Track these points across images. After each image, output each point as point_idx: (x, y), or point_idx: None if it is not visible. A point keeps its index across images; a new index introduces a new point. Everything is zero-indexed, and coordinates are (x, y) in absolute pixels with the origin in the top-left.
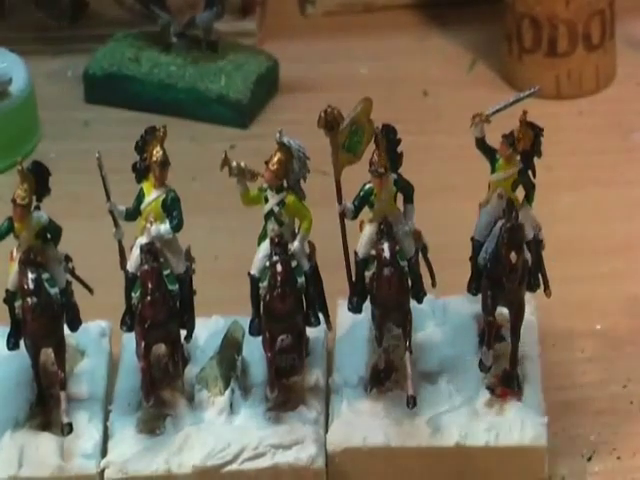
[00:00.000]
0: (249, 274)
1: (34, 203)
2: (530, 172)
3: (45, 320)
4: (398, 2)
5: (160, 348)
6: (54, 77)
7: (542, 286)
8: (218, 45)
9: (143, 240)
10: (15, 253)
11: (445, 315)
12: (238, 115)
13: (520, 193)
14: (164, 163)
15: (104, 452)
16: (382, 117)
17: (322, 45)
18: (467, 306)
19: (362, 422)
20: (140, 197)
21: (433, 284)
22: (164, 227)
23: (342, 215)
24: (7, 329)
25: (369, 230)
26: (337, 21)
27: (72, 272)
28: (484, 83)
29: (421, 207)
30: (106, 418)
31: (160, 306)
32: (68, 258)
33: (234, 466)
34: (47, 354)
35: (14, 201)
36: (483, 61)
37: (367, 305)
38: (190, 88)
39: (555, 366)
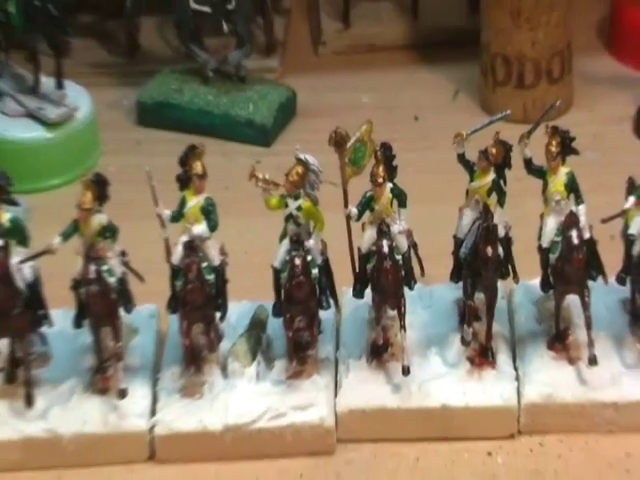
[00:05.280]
0: (272, 266)
1: (96, 208)
2: (502, 181)
3: (104, 304)
4: (394, 44)
5: (199, 327)
6: (112, 105)
7: (511, 274)
8: (246, 78)
9: (185, 238)
10: (80, 249)
11: (431, 299)
12: (263, 136)
13: (494, 198)
14: (203, 175)
15: (153, 412)
16: (381, 137)
17: (332, 79)
18: (450, 292)
19: (364, 388)
20: (183, 203)
21: (422, 274)
22: (202, 227)
23: (348, 218)
24: (73, 312)
25: (370, 230)
26: (344, 59)
27: (127, 264)
28: (465, 110)
29: (412, 211)
30: (155, 384)
31: (199, 293)
32: (124, 253)
33: (260, 424)
34: (106, 332)
35: (79, 206)
36: (464, 92)
37: (368, 292)
38: (224, 114)
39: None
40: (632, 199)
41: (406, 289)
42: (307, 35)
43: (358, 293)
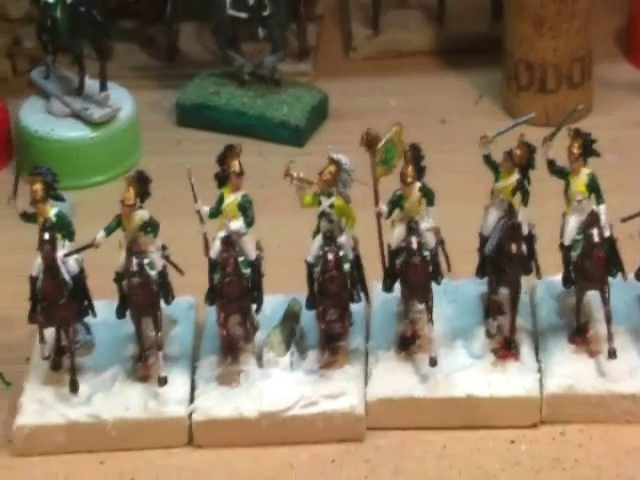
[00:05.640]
0: (306, 261)
1: (138, 204)
2: (526, 181)
3: (146, 296)
4: (421, 49)
5: (236, 318)
6: (153, 106)
7: (535, 271)
8: (281, 82)
9: (223, 233)
10: (123, 243)
11: (456, 294)
12: (296, 137)
13: (518, 198)
14: (240, 173)
15: (192, 400)
16: (410, 138)
17: (362, 83)
18: (475, 287)
19: (393, 378)
20: (221, 200)
21: (449, 269)
22: (239, 223)
23: (378, 215)
24: (116, 303)
25: (399, 227)
26: (373, 64)
27: (167, 258)
28: (489, 113)
29: (440, 209)
30: (193, 373)
31: (236, 285)
32: (164, 247)
33: (293, 412)
34: (147, 322)
35: (122, 202)
36: (488, 96)
37: (397, 286)
38: (259, 115)
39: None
40: None
41: (433, 283)
42: (338, 41)
43: (387, 287)
